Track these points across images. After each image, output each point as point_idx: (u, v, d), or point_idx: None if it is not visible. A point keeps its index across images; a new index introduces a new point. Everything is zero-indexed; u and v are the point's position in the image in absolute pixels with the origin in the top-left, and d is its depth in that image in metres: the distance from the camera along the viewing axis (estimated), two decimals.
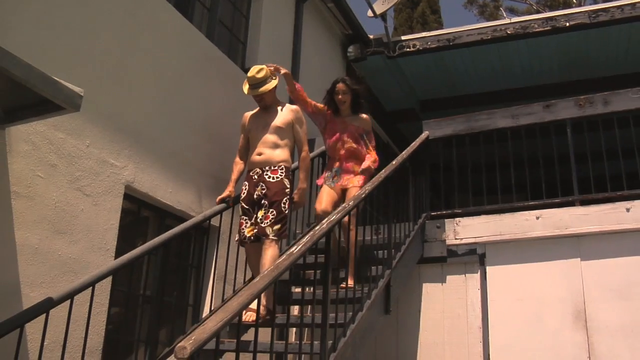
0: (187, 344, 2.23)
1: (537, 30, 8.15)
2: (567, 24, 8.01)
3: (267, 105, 5.11)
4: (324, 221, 3.64)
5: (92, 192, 4.20)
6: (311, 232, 3.44)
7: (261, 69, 5.01)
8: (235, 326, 3.90)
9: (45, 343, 3.46)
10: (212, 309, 4.78)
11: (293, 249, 3.17)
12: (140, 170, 4.69)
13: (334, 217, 3.71)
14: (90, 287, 3.67)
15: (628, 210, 5.36)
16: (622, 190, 5.62)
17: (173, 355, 2.23)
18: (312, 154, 5.88)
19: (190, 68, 5.51)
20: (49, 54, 3.96)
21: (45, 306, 3.33)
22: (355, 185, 5.37)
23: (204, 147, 5.52)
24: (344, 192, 5.46)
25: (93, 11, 4.47)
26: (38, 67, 3.11)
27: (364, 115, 5.73)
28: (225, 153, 5.59)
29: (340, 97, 5.60)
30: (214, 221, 4.99)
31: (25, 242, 3.67)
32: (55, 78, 3.10)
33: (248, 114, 5.27)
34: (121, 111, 4.60)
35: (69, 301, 3.53)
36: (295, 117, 5.10)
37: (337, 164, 5.58)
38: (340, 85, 5.61)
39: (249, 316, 4.34)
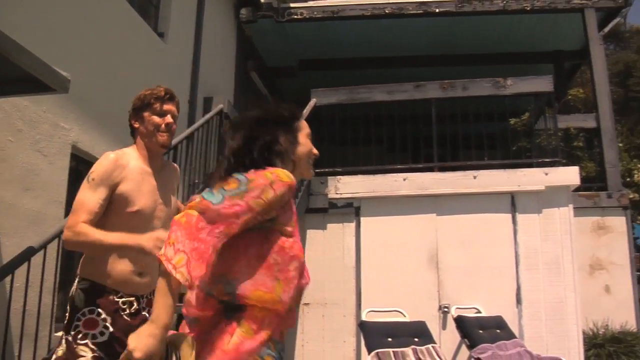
0: None
1: (411, 12, 9.36)
2: (437, 10, 9.31)
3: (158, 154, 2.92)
4: None
5: (49, 152, 4.83)
6: None
7: None
8: None
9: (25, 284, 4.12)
10: None
11: None
12: (82, 131, 5.31)
13: None
14: (57, 238, 4.35)
15: (475, 177, 6.79)
16: (472, 160, 7.07)
17: None
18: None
19: (120, 37, 6.07)
20: (25, 31, 4.47)
21: (28, 254, 3.96)
22: None
23: None
24: None
25: None
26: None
27: None
28: None
29: None
30: None
31: (2, 199, 4.30)
32: (54, 67, 3.73)
33: (121, 162, 2.73)
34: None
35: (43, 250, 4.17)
36: (177, 183, 3.18)
37: None
38: None
39: None
